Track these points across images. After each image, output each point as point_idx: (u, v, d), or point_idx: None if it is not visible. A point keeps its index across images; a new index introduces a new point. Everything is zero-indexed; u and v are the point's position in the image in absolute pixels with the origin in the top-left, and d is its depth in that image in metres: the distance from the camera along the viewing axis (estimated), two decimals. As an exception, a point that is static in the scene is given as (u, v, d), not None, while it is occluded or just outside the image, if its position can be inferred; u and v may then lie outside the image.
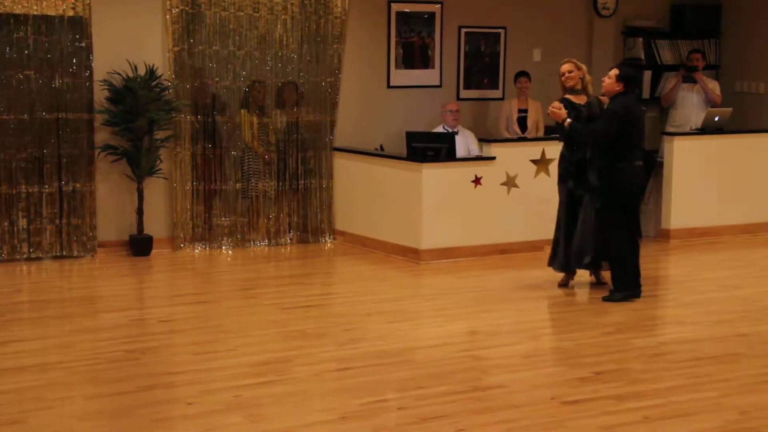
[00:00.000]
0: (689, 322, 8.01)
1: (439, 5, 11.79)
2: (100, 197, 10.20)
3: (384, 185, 10.48)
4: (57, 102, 9.89)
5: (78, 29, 9.89)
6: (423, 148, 10.24)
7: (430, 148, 10.24)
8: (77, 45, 9.89)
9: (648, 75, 12.83)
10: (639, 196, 8.85)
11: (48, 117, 9.87)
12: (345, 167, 11.01)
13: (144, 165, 10.12)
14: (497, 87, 12.26)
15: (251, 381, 6.38)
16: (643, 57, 12.79)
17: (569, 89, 8.75)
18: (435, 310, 8.36)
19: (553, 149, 9.73)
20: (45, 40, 9.78)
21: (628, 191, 8.46)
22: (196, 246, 10.53)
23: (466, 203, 10.13)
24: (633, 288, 8.50)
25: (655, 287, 9.14)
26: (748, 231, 11.59)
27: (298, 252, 10.69)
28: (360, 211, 10.84)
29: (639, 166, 8.47)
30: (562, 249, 8.87)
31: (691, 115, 12.03)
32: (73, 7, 9.84)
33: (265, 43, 10.60)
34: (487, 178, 10.18)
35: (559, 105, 8.61)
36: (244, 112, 10.64)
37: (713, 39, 13.16)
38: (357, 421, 5.71)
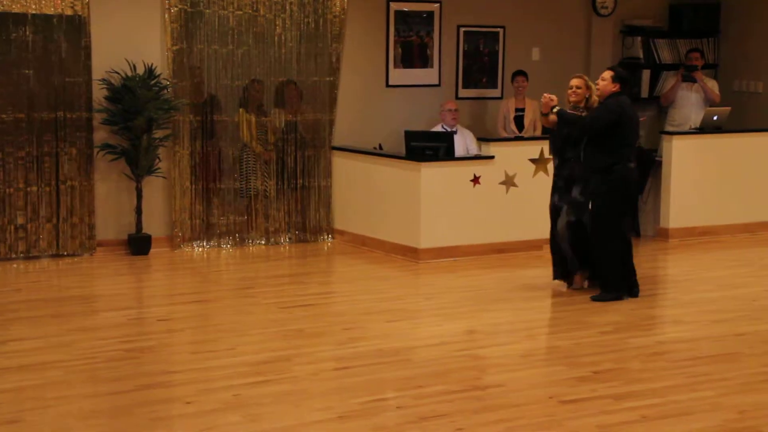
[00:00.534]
0: (687, 321, 8.01)
1: (438, 4, 11.78)
2: (98, 196, 10.20)
3: (383, 184, 10.48)
4: (56, 101, 9.89)
5: (77, 28, 9.88)
6: (422, 147, 10.25)
7: (428, 147, 10.25)
8: (76, 44, 9.88)
9: (647, 74, 12.83)
10: (634, 196, 8.84)
11: (47, 116, 9.87)
12: (344, 166, 11.01)
13: (143, 164, 10.12)
14: (496, 86, 12.25)
15: (250, 380, 6.38)
16: (642, 56, 12.79)
17: (572, 105, 8.71)
18: (434, 309, 8.36)
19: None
20: (43, 39, 9.77)
21: (623, 192, 8.47)
22: (194, 245, 10.53)
23: (464, 202, 10.14)
24: (621, 290, 8.51)
25: (654, 286, 9.15)
26: (747, 230, 11.60)
27: (296, 251, 10.69)
28: (359, 211, 10.84)
29: (633, 167, 8.50)
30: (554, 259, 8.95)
31: (691, 114, 12.03)
32: (72, 6, 9.83)
33: (264, 42, 10.60)
34: (486, 177, 10.19)
35: (552, 96, 8.64)
36: (242, 111, 10.64)
37: (712, 38, 13.16)
38: (356, 420, 5.72)
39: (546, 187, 9.06)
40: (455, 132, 10.99)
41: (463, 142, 11.09)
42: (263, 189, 10.81)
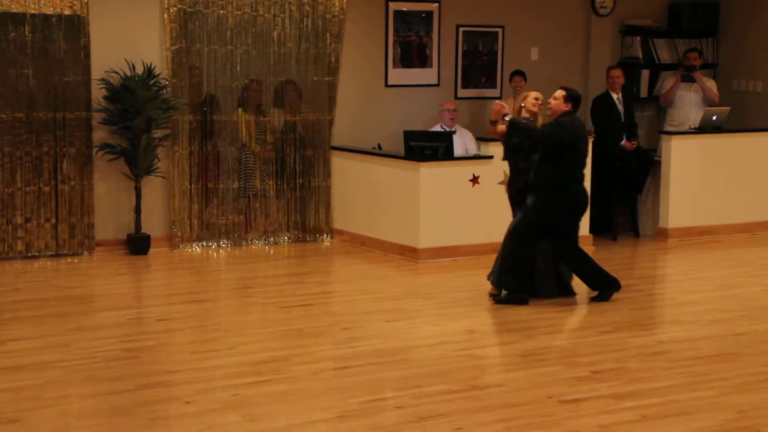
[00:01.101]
0: (687, 321, 8.01)
1: (437, 4, 11.78)
2: (97, 196, 10.20)
3: (382, 184, 10.48)
4: (54, 101, 9.88)
5: (75, 28, 9.88)
6: (421, 147, 10.25)
7: (427, 147, 10.25)
8: (75, 44, 9.88)
9: (646, 74, 12.83)
10: (575, 219, 8.47)
11: (46, 116, 9.86)
12: (343, 166, 11.00)
13: (142, 164, 10.11)
14: (495, 86, 12.24)
15: (249, 380, 6.38)
16: (641, 56, 12.78)
17: (529, 115, 8.58)
18: (433, 309, 8.36)
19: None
20: (42, 38, 9.77)
21: (559, 215, 8.31)
22: (193, 245, 10.52)
23: (463, 202, 10.14)
24: (613, 286, 8.47)
25: (653, 286, 9.15)
26: (746, 230, 11.59)
27: (296, 251, 10.69)
28: (358, 210, 10.84)
29: (578, 190, 8.36)
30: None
31: (690, 114, 12.03)
32: (71, 6, 9.83)
33: (263, 42, 10.60)
34: (485, 177, 10.18)
35: (503, 104, 8.60)
36: (241, 111, 10.64)
37: (711, 38, 13.15)
38: (355, 420, 5.71)
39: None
40: (454, 132, 10.99)
41: (462, 141, 11.09)
42: (262, 189, 10.80)
